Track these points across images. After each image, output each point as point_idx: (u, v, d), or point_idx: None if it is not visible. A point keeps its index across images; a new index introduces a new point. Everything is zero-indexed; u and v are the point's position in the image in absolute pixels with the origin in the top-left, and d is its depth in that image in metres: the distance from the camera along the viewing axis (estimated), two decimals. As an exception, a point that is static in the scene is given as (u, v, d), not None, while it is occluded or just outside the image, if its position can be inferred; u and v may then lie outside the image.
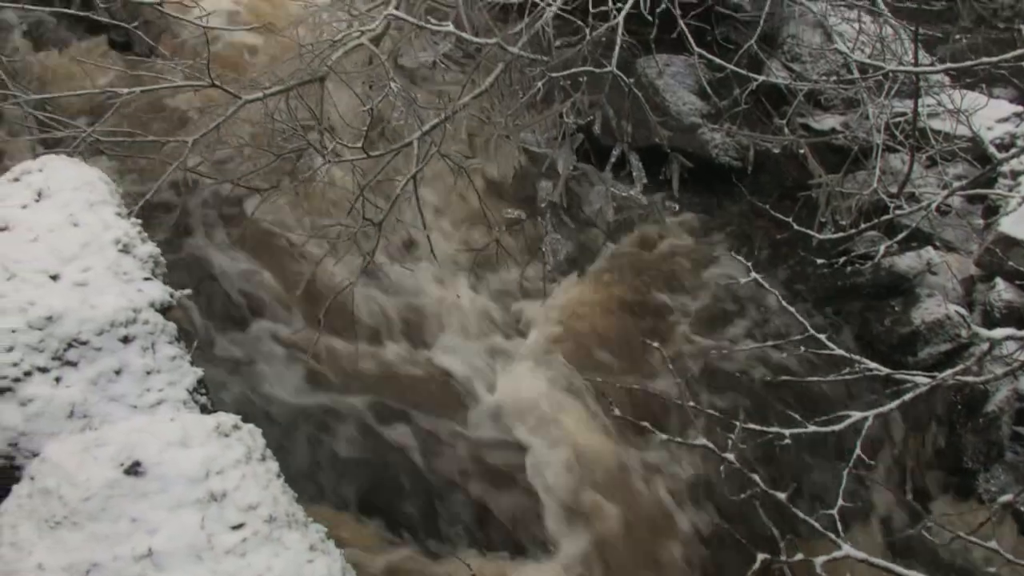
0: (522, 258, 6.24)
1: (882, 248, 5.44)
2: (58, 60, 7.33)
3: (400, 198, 4.96)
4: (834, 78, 7.10)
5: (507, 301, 6.37)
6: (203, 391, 3.99)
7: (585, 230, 6.77)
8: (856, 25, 6.68)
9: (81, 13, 6.80)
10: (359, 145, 4.71)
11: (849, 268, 6.38)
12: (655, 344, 4.48)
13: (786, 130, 6.83)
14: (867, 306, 6.48)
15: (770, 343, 5.77)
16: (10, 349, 3.66)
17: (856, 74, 6.51)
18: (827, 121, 7.29)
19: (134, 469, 3.23)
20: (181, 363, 3.94)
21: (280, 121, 5.29)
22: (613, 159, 6.07)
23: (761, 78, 6.34)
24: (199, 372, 4.01)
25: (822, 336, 4.29)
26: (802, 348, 4.75)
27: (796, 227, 5.12)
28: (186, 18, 5.51)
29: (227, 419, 3.55)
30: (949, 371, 4.16)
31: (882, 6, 6.20)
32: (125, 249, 4.12)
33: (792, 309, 4.52)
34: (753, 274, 4.55)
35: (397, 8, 5.26)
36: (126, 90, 5.46)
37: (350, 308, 5.22)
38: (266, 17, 6.97)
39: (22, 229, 4.11)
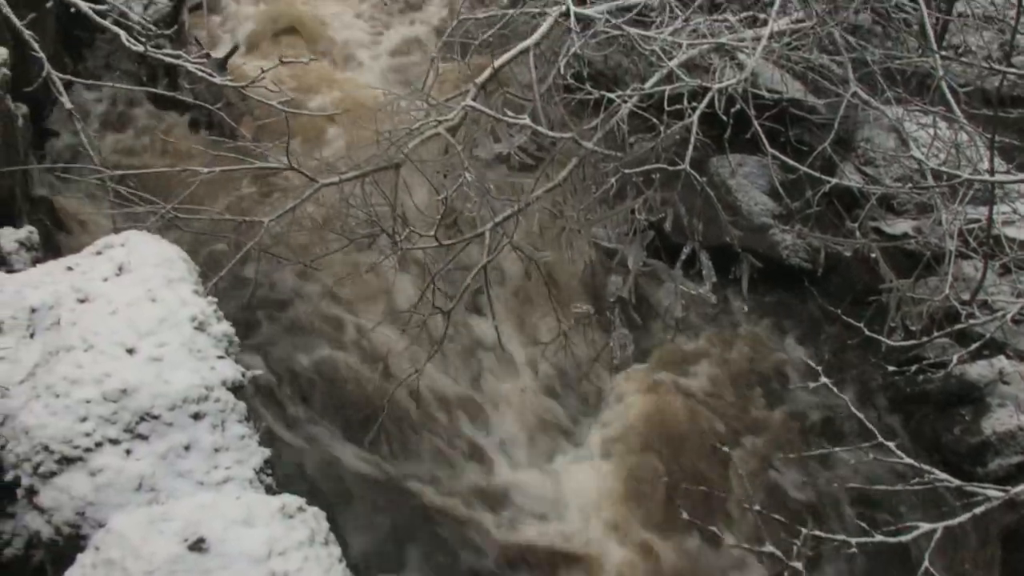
0: (589, 353, 6.21)
1: (955, 358, 5.36)
2: (142, 136, 7.54)
3: (470, 288, 4.99)
4: (908, 185, 7.05)
5: (573, 395, 6.34)
6: (269, 471, 4.00)
7: (653, 327, 6.73)
8: (931, 131, 6.65)
9: (167, 93, 7.03)
10: (432, 233, 4.77)
11: (920, 375, 6.27)
12: (722, 446, 4.44)
13: (858, 233, 6.77)
14: (937, 414, 6.36)
15: (838, 449, 5.66)
16: (83, 419, 3.71)
17: (930, 180, 6.47)
18: (899, 226, 7.24)
19: (198, 545, 3.24)
20: (249, 442, 3.96)
21: (355, 206, 5.37)
22: (683, 257, 6.06)
23: (834, 180, 6.31)
24: (266, 452, 4.03)
25: (891, 444, 4.22)
26: (871, 455, 4.65)
27: (867, 332, 5.07)
28: (268, 102, 5.65)
29: (292, 501, 3.56)
30: (1022, 486, 4.06)
31: (958, 112, 6.17)
32: (200, 327, 4.17)
33: (861, 415, 4.46)
34: (823, 378, 4.50)
35: (474, 100, 5.35)
36: (206, 169, 5.60)
37: (416, 394, 5.23)
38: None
39: (102, 302, 4.19)
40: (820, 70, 6.91)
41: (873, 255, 6.62)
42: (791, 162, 6.05)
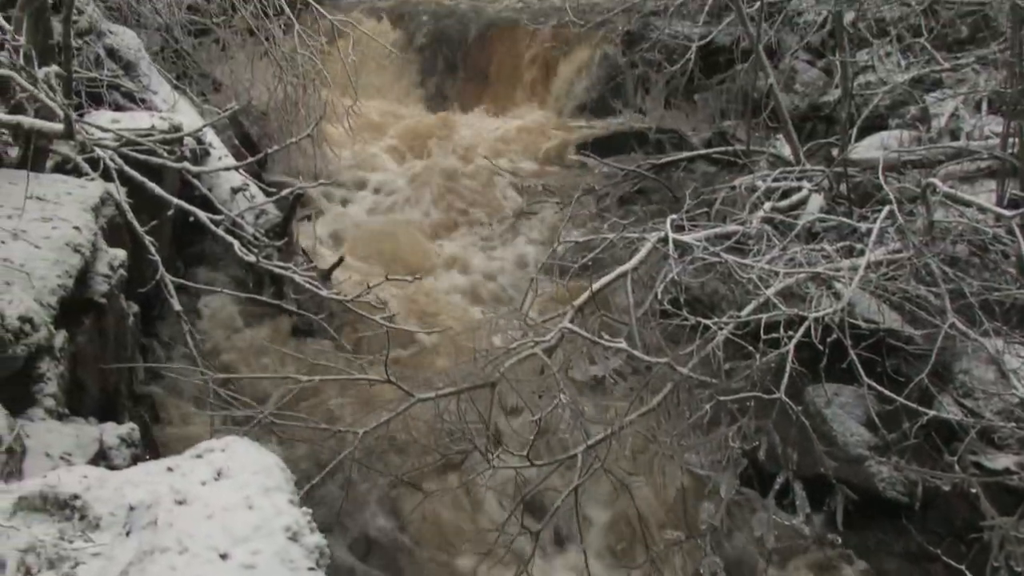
0: (680, 580, 6.07)
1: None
2: (245, 340, 7.75)
3: (560, 510, 4.96)
4: (1010, 421, 6.91)
5: (662, 623, 6.17)
6: None
7: (745, 556, 6.56)
8: (1032, 363, 6.58)
9: (273, 302, 7.26)
10: (524, 453, 4.78)
11: (1028, 626, 5.98)
12: None
13: (957, 468, 6.61)
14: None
15: None
16: (174, 623, 3.71)
17: (1032, 413, 6.35)
18: (1001, 460, 7.03)
19: None
20: (334, 659, 3.91)
21: (449, 421, 5.43)
22: (777, 486, 5.98)
23: (931, 413, 6.23)
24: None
25: None
26: None
27: (968, 575, 4.89)
28: (371, 316, 5.80)
29: None
30: None
31: (1057, 347, 6.12)
32: (294, 537, 4.18)
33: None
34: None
35: (572, 322, 5.45)
36: (305, 377, 5.73)
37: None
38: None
39: (199, 505, 4.24)
40: (917, 300, 6.90)
41: (973, 490, 6.45)
42: (888, 393, 6.01)
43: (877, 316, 7.10)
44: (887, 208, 6.82)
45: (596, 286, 5.69)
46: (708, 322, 5.58)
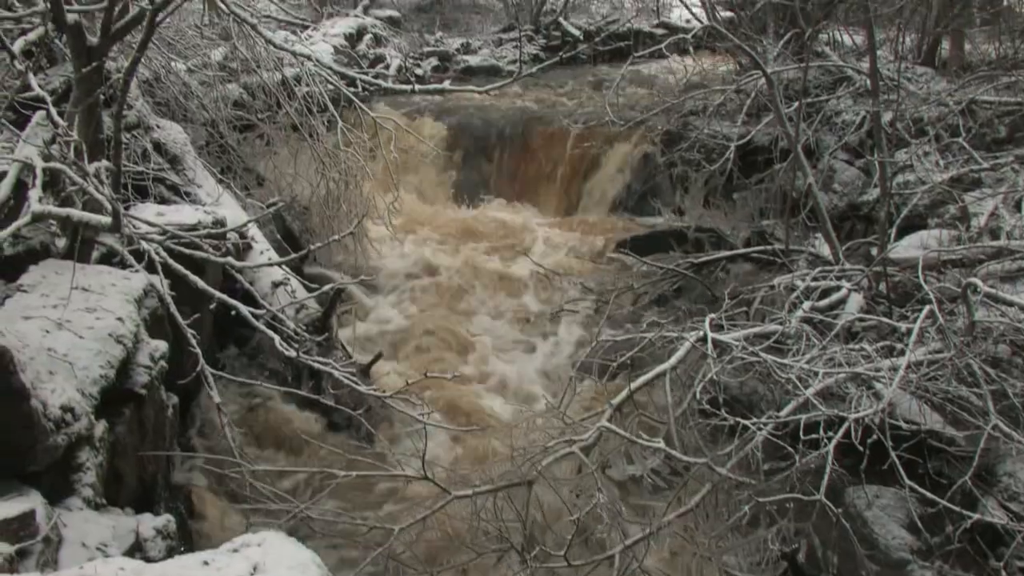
0: None
1: None
2: (282, 434, 7.77)
3: (598, 609, 4.90)
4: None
5: None
6: None
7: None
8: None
9: (312, 396, 7.28)
10: (561, 553, 4.74)
11: None
12: None
13: (1004, 573, 6.47)
14: None
15: None
16: None
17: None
18: (1051, 562, 6.90)
19: None
20: None
21: (485, 519, 5.39)
22: (817, 588, 5.88)
23: (976, 516, 6.13)
24: None
25: None
26: None
27: None
28: (410, 413, 5.81)
29: None
30: None
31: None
32: (328, 636, 4.16)
33: None
34: None
35: (610, 420, 5.43)
36: (342, 472, 5.73)
37: None
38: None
39: (235, 599, 4.23)
40: (959, 401, 6.83)
41: (1023, 595, 6.31)
42: (930, 495, 5.93)
43: (918, 417, 7.02)
44: (927, 308, 6.80)
45: (634, 385, 5.68)
46: (747, 422, 5.55)
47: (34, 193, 5.60)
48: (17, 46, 7.06)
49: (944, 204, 9.97)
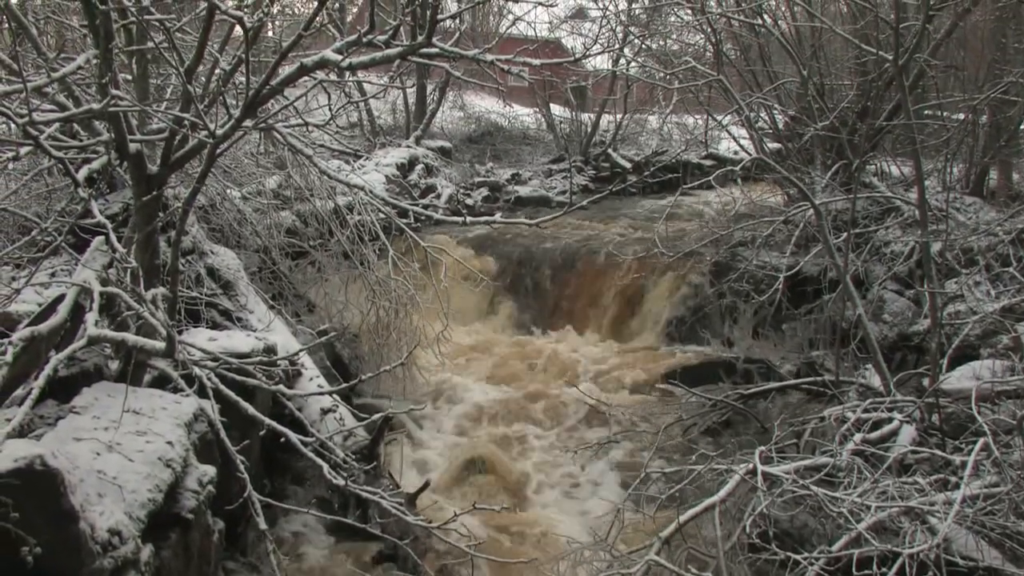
0: None
1: None
2: (329, 564, 7.70)
3: None
4: None
5: None
6: None
7: None
8: None
9: (359, 525, 7.24)
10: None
11: None
12: None
13: None
14: None
15: None
16: None
17: None
18: None
19: None
20: None
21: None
22: None
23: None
24: None
25: None
26: None
27: None
28: (457, 544, 5.77)
29: None
30: None
31: None
32: None
33: None
34: None
35: (658, 554, 5.36)
36: (391, 604, 5.66)
37: None
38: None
39: None
40: (1018, 536, 6.65)
41: None
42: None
43: (975, 553, 6.84)
44: (982, 440, 6.68)
45: (683, 518, 5.61)
46: (798, 557, 5.44)
47: (91, 316, 5.73)
48: (81, 174, 7.30)
49: (996, 334, 9.87)
